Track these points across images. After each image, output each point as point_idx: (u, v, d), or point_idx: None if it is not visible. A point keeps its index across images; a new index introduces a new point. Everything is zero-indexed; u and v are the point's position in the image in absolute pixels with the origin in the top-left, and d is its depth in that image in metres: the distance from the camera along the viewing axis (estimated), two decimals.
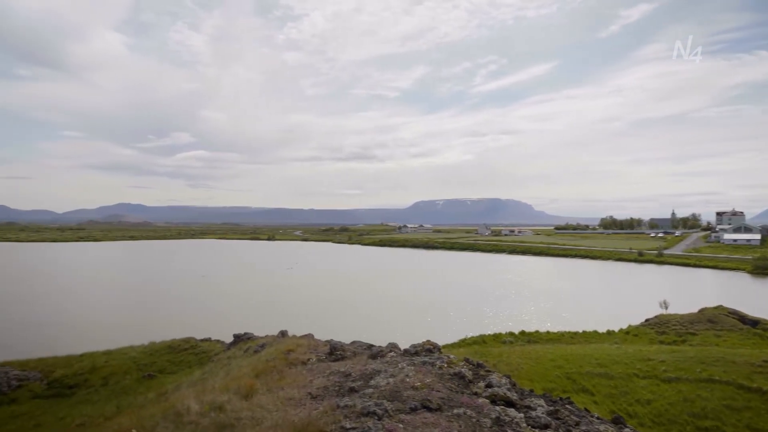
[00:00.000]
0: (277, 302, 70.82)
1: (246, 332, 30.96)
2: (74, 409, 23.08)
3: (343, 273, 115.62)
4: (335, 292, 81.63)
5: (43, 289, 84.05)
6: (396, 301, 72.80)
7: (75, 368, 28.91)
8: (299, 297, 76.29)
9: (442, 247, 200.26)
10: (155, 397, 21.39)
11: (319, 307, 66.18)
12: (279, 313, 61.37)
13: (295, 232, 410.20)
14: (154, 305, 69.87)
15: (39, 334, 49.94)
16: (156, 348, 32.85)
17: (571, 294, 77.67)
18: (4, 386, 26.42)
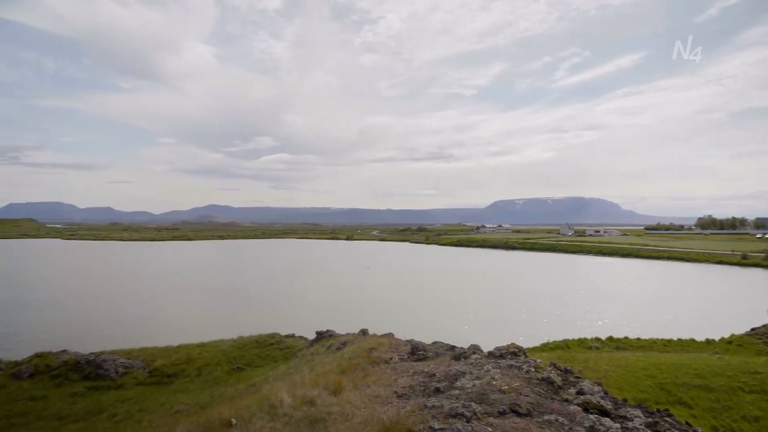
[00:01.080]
0: (356, 301, 72.11)
1: (328, 330, 31.79)
2: (172, 397, 24.75)
3: (420, 273, 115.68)
4: (412, 292, 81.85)
5: (144, 284, 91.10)
6: (474, 301, 71.79)
7: (173, 359, 31.03)
8: (377, 296, 77.25)
9: (521, 248, 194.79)
10: (245, 388, 22.49)
11: (396, 307, 66.63)
12: (357, 311, 62.46)
13: (372, 232, 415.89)
14: (241, 301, 73.57)
15: (140, 327, 54.17)
16: (244, 342, 34.53)
17: (664, 299, 72.84)
18: (113, 373, 28.88)
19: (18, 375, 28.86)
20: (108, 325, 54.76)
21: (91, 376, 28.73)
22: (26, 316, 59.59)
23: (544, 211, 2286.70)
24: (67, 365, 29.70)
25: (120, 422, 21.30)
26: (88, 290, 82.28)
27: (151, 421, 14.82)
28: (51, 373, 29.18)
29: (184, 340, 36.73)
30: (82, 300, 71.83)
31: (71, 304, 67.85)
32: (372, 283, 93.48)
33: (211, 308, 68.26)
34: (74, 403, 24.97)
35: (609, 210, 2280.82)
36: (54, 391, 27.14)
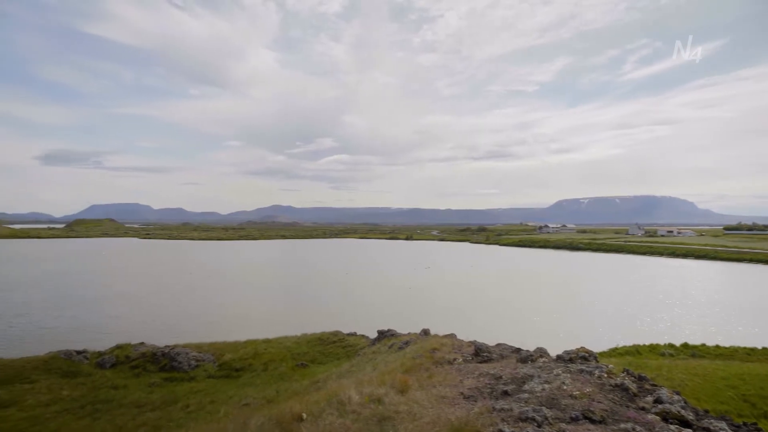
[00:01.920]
0: (416, 301, 72.05)
1: (389, 329, 31.95)
2: (241, 390, 25.70)
3: (481, 273, 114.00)
4: (473, 292, 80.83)
5: (212, 282, 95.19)
6: (537, 303, 69.94)
7: (240, 353, 32.23)
8: (437, 296, 76.85)
9: (587, 249, 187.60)
10: (309, 384, 22.99)
11: (456, 307, 66.00)
12: (418, 311, 62.40)
13: (432, 231, 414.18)
14: (304, 299, 75.31)
15: (210, 322, 56.63)
16: (307, 339, 35.35)
17: (745, 304, 68.00)
18: (185, 365, 30.35)
19: (101, 364, 30.92)
20: (180, 320, 57.63)
21: (166, 367, 30.34)
22: (106, 309, 63.75)
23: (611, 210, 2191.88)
24: (145, 357, 31.52)
25: (193, 412, 22.36)
26: (161, 286, 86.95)
27: (227, 412, 15.46)
28: (130, 363, 31.06)
29: (251, 336, 38.05)
30: (156, 296, 76.00)
31: (147, 299, 71.94)
32: (432, 283, 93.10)
33: (276, 305, 70.28)
34: (151, 393, 26.46)
35: (683, 209, 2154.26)
36: (133, 380, 28.88)
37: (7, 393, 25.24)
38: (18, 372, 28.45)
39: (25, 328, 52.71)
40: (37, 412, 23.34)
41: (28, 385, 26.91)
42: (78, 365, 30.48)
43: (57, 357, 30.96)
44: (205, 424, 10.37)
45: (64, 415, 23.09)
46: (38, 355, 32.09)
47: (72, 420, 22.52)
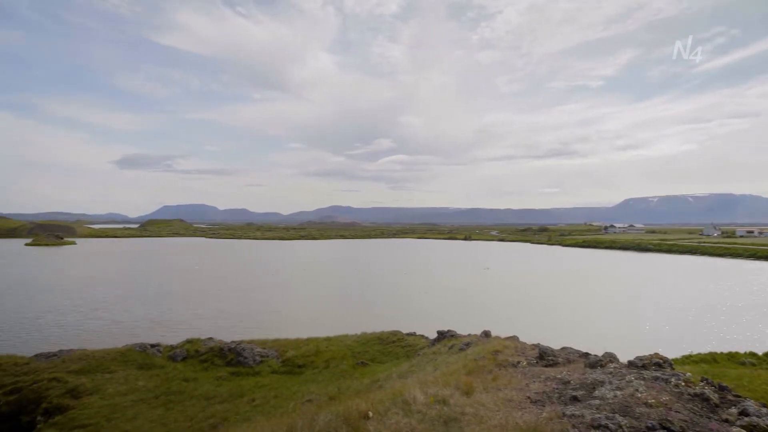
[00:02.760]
0: (475, 301, 71.15)
1: (449, 329, 31.70)
2: (303, 386, 26.27)
3: (542, 274, 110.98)
4: (534, 294, 78.86)
5: (274, 279, 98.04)
6: (602, 306, 67.32)
7: (302, 350, 32.96)
8: (497, 297, 75.57)
9: (657, 250, 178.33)
10: (369, 383, 23.17)
11: (517, 309, 64.63)
12: (477, 312, 61.60)
13: (491, 232, 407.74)
14: (364, 298, 76.13)
15: (272, 319, 58.35)
16: (367, 338, 35.67)
17: None
18: (251, 361, 31.39)
19: (173, 357, 32.51)
20: (245, 317, 59.72)
21: (232, 362, 31.50)
22: (176, 305, 67.03)
23: (683, 209, 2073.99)
24: (213, 351, 32.87)
25: (258, 406, 23.09)
26: (226, 283, 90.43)
27: (295, 407, 15.89)
28: (200, 357, 32.48)
29: (312, 334, 38.84)
30: (222, 292, 79.13)
31: (214, 296, 75.04)
32: (491, 284, 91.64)
33: (336, 304, 71.42)
34: (219, 386, 27.55)
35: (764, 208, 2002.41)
36: (202, 373, 30.18)
37: (90, 381, 27.05)
38: (99, 362, 30.41)
39: (101, 322, 56.32)
40: (116, 400, 24.86)
41: (108, 375, 28.71)
42: (152, 358, 32.20)
43: (133, 350, 32.83)
44: (274, 418, 10.67)
45: (140, 405, 24.46)
46: (116, 348, 34.18)
47: (147, 409, 23.82)
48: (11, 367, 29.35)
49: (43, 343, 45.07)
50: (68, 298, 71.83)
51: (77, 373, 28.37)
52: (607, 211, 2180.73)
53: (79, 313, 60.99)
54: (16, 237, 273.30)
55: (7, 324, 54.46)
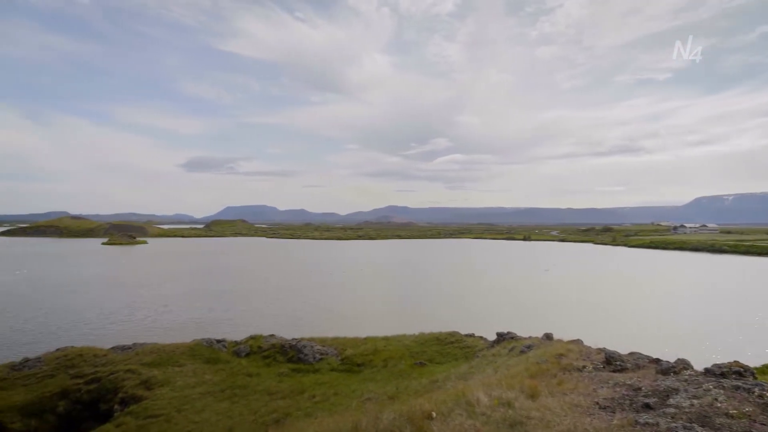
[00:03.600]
0: (534, 303, 69.45)
1: (508, 331, 31.08)
2: (362, 385, 26.51)
3: (606, 276, 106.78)
4: (596, 296, 76.05)
5: (332, 279, 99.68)
6: (670, 310, 63.98)
7: (361, 349, 33.28)
8: (557, 299, 73.40)
9: (733, 251, 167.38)
10: (428, 383, 23.08)
11: (578, 311, 62.59)
12: (536, 314, 60.15)
13: (551, 232, 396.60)
14: (421, 298, 76.04)
15: (331, 317, 59.33)
16: (425, 338, 35.53)
17: None
18: (311, 358, 32.03)
19: (237, 353, 33.69)
20: (304, 314, 61.07)
21: (293, 359, 32.25)
22: (238, 303, 69.46)
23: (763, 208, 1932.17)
24: (275, 348, 33.78)
25: (319, 403, 23.52)
26: (285, 282, 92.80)
27: (358, 405, 16.11)
28: (262, 353, 33.47)
29: (370, 333, 39.15)
30: (281, 291, 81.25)
31: (274, 295, 77.20)
32: (551, 286, 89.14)
33: (393, 303, 71.76)
34: (281, 382, 28.27)
35: None
36: (265, 369, 31.08)
37: (161, 374, 28.49)
38: (169, 356, 31.96)
39: (170, 317, 59.20)
40: (185, 392, 26.05)
41: (178, 368, 30.13)
42: (218, 353, 33.50)
43: (200, 344, 34.28)
44: (338, 415, 10.84)
45: (207, 397, 25.52)
46: (185, 342, 35.81)
47: (214, 402, 24.80)
48: (91, 359, 31.39)
49: (119, 336, 47.93)
50: (140, 295, 76.03)
51: (150, 366, 29.95)
52: (676, 210, 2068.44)
53: (150, 308, 64.44)
54: (93, 237, 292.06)
55: (87, 318, 58.30)
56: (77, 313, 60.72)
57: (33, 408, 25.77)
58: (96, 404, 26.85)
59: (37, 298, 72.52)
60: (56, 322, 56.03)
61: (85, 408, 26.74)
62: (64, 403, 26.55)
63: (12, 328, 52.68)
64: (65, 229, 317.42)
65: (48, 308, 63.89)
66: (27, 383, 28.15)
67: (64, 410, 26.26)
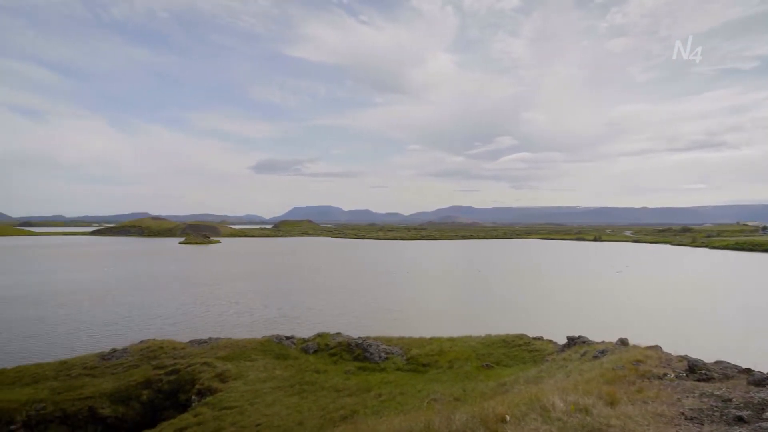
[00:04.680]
0: (606, 307, 66.58)
1: (580, 335, 29.97)
2: (428, 385, 26.42)
3: (685, 279, 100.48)
4: (675, 301, 71.73)
5: (396, 278, 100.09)
6: (759, 318, 59.27)
7: (426, 349, 33.20)
8: (631, 303, 69.92)
9: None
10: (495, 386, 22.66)
11: (655, 316, 59.31)
12: (608, 318, 57.70)
13: (624, 232, 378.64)
14: (487, 299, 74.86)
15: (396, 317, 59.56)
16: (492, 340, 34.93)
17: None
18: (376, 357, 32.32)
19: (306, 350, 34.56)
20: (369, 313, 61.71)
21: (359, 357, 32.68)
22: (306, 301, 71.19)
23: None
24: (341, 346, 34.37)
25: (385, 401, 23.66)
26: (349, 281, 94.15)
27: (429, 405, 16.10)
28: (329, 351, 34.15)
29: (435, 333, 38.98)
30: (346, 290, 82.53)
31: (337, 293, 78.52)
32: (625, 289, 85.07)
33: (458, 304, 71.09)
34: (347, 380, 28.71)
35: None
36: (332, 366, 31.69)
37: (235, 367, 29.72)
38: (242, 351, 33.30)
39: (240, 314, 61.59)
40: (257, 386, 27.02)
41: (250, 362, 31.32)
42: (287, 349, 34.54)
43: (271, 340, 35.47)
44: (410, 414, 10.86)
45: (277, 392, 26.33)
46: (255, 338, 37.19)
47: (284, 396, 25.56)
48: (171, 351, 33.25)
49: (194, 330, 50.46)
50: (213, 292, 79.70)
51: (224, 360, 31.33)
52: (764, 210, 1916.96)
53: (222, 305, 67.43)
54: (171, 236, 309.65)
55: (166, 312, 61.82)
56: (157, 308, 64.54)
57: (120, 395, 27.63)
58: (176, 394, 28.40)
59: (122, 293, 77.76)
60: (139, 315, 59.81)
61: (166, 397, 28.36)
62: (148, 392, 28.27)
63: (101, 321, 56.75)
64: (146, 229, 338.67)
65: (131, 303, 68.33)
66: (115, 372, 30.24)
67: (147, 399, 27.97)
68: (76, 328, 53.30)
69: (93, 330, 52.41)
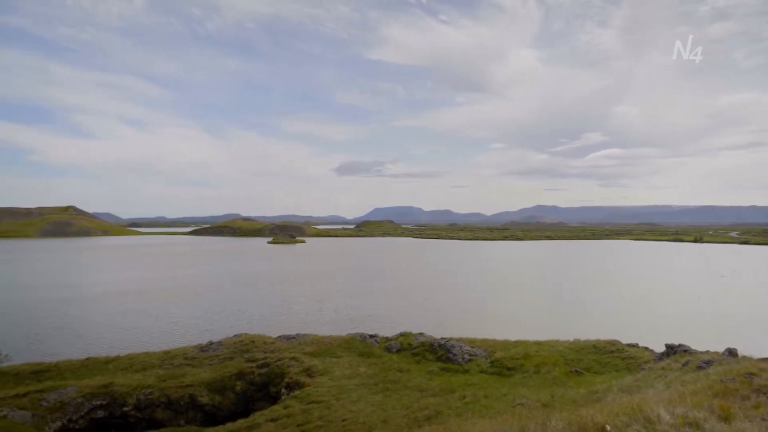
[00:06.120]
0: (708, 313, 61.48)
1: (680, 344, 27.89)
2: (513, 389, 25.73)
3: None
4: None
5: (477, 280, 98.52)
6: None
7: (511, 353, 32.35)
8: (737, 310, 64.07)
9: None
10: (586, 394, 21.65)
11: (764, 325, 54.05)
12: (712, 325, 53.44)
13: (730, 233, 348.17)
14: (574, 302, 71.76)
15: (479, 318, 58.65)
16: (581, 346, 33.36)
17: None
18: (460, 358, 31.97)
19: (389, 348, 34.88)
20: (450, 314, 61.21)
21: (442, 358, 32.49)
22: (385, 300, 71.89)
23: None
24: (424, 346, 34.34)
25: (469, 404, 23.33)
26: (430, 282, 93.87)
27: (513, 410, 15.75)
28: (412, 350, 34.24)
29: (519, 336, 37.88)
30: (427, 289, 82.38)
31: (419, 293, 78.54)
32: (729, 295, 78.10)
33: (543, 306, 68.75)
34: (431, 380, 28.63)
35: None
36: (415, 366, 31.75)
37: (321, 363, 30.62)
38: (327, 347, 34.24)
39: (323, 311, 63.37)
40: (342, 382, 27.65)
41: (335, 359, 32.13)
42: (370, 347, 35.06)
43: (355, 338, 36.17)
44: (497, 417, 10.61)
45: (361, 389, 26.79)
46: (340, 335, 38.08)
47: (368, 394, 25.95)
48: (262, 345, 34.88)
49: (281, 326, 52.63)
50: (299, 290, 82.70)
51: (311, 355, 32.38)
52: None
53: (307, 302, 69.77)
54: (260, 236, 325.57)
55: (255, 308, 64.99)
56: (246, 304, 68.04)
57: (216, 385, 29.38)
58: (266, 386, 29.74)
59: (216, 289, 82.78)
60: (230, 310, 63.34)
61: (257, 389, 29.78)
62: (241, 383, 29.83)
63: (197, 314, 60.72)
64: (238, 229, 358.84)
65: (224, 299, 72.52)
66: (212, 363, 32.21)
67: (240, 389, 29.52)
68: (176, 320, 57.45)
69: (190, 323, 56.22)
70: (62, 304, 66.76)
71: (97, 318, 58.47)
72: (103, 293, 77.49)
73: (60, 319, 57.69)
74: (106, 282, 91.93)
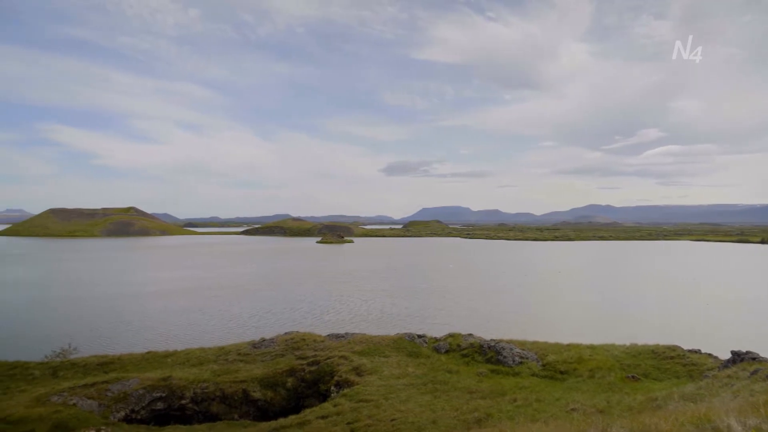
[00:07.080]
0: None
1: (747, 351, 26.35)
2: (566, 394, 25.01)
3: None
4: None
5: (531, 281, 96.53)
6: None
7: (564, 356, 31.47)
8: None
9: None
10: (645, 400, 20.76)
11: None
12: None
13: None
14: (631, 305, 69.14)
15: (526, 320, 57.46)
16: (638, 350, 32.08)
17: None
18: (510, 361, 31.37)
19: (437, 349, 34.66)
20: (499, 315, 60.26)
21: (492, 360, 31.97)
22: (432, 300, 71.60)
23: None
24: (473, 347, 33.91)
25: (520, 407, 22.83)
26: (478, 283, 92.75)
27: (576, 416, 15.33)
28: (461, 351, 33.88)
29: (571, 339, 36.84)
30: (474, 291, 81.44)
31: (465, 294, 77.73)
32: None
33: (597, 309, 66.61)
34: (480, 382, 28.23)
35: None
36: (464, 367, 31.40)
37: (370, 362, 30.78)
38: (376, 346, 34.38)
39: (371, 311, 63.70)
40: (391, 382, 27.68)
41: (384, 358, 32.21)
42: (419, 347, 34.95)
43: (403, 338, 36.15)
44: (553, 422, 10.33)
45: (410, 389, 26.72)
46: (389, 335, 38.16)
47: (417, 394, 25.86)
48: (312, 343, 35.43)
49: (329, 324, 53.39)
50: (347, 289, 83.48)
51: (360, 354, 32.60)
52: None
53: (355, 301, 70.42)
54: (310, 236, 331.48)
55: (304, 306, 66.18)
56: (296, 302, 69.38)
57: (268, 381, 30.05)
58: (316, 384, 30.17)
59: (267, 287, 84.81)
60: (281, 308, 64.74)
61: (308, 386, 30.25)
62: (292, 380, 30.38)
63: (249, 312, 62.41)
64: (288, 229, 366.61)
65: (273, 297, 74.20)
66: (264, 360, 32.98)
67: (291, 386, 30.07)
68: (229, 317, 59.25)
69: (242, 320, 57.86)
70: (123, 300, 70.26)
71: (156, 314, 61.16)
72: (160, 291, 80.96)
73: (120, 314, 60.72)
74: (164, 280, 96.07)
